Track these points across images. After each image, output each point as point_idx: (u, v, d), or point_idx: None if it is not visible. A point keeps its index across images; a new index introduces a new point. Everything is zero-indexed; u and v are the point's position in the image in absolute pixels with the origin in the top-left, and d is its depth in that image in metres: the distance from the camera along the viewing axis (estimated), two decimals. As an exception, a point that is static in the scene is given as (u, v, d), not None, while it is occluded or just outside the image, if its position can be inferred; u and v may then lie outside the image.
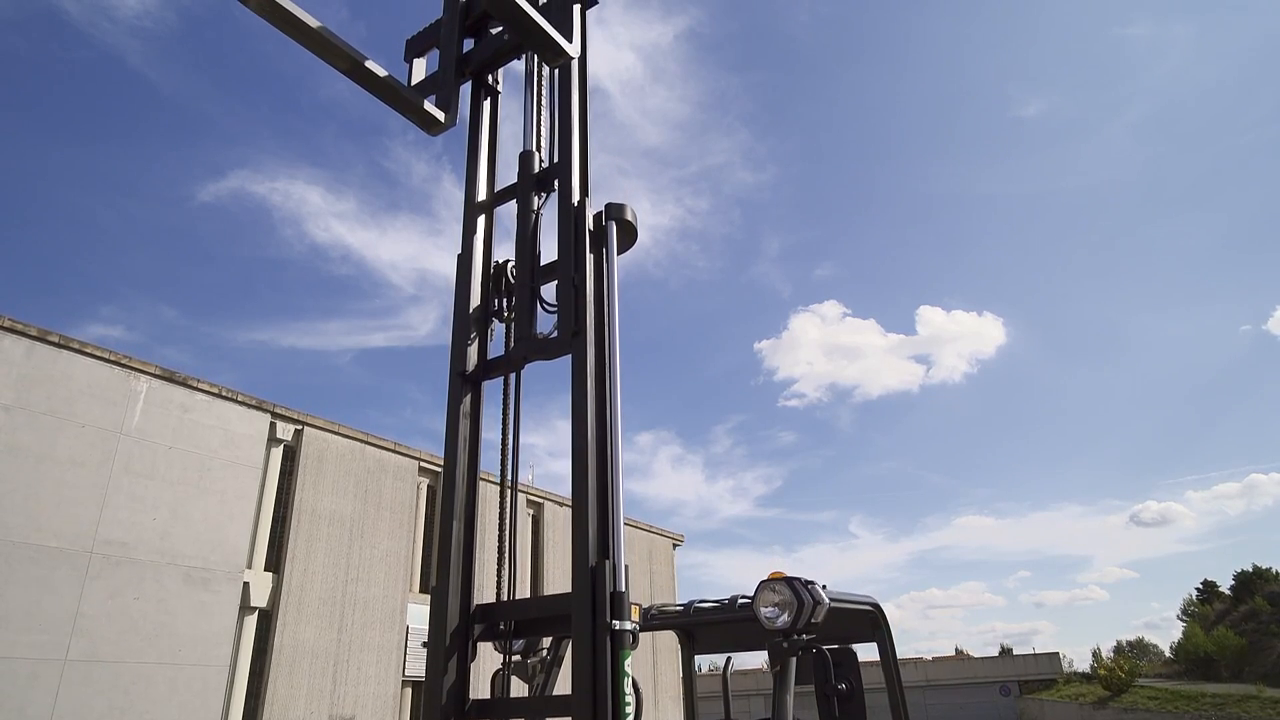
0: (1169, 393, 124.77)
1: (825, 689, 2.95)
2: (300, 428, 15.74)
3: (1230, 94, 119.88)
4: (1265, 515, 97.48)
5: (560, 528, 21.35)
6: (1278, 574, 48.74)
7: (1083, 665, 51.96)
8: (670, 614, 3.83)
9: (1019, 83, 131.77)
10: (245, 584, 14.13)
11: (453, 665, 2.87)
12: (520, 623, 3.01)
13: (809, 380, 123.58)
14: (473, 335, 3.24)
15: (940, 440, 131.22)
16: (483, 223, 3.45)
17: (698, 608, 3.69)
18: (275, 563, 14.91)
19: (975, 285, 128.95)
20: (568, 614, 2.66)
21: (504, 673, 3.19)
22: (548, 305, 3.16)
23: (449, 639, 2.87)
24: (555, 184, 3.25)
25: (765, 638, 3.12)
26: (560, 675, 3.35)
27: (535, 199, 3.35)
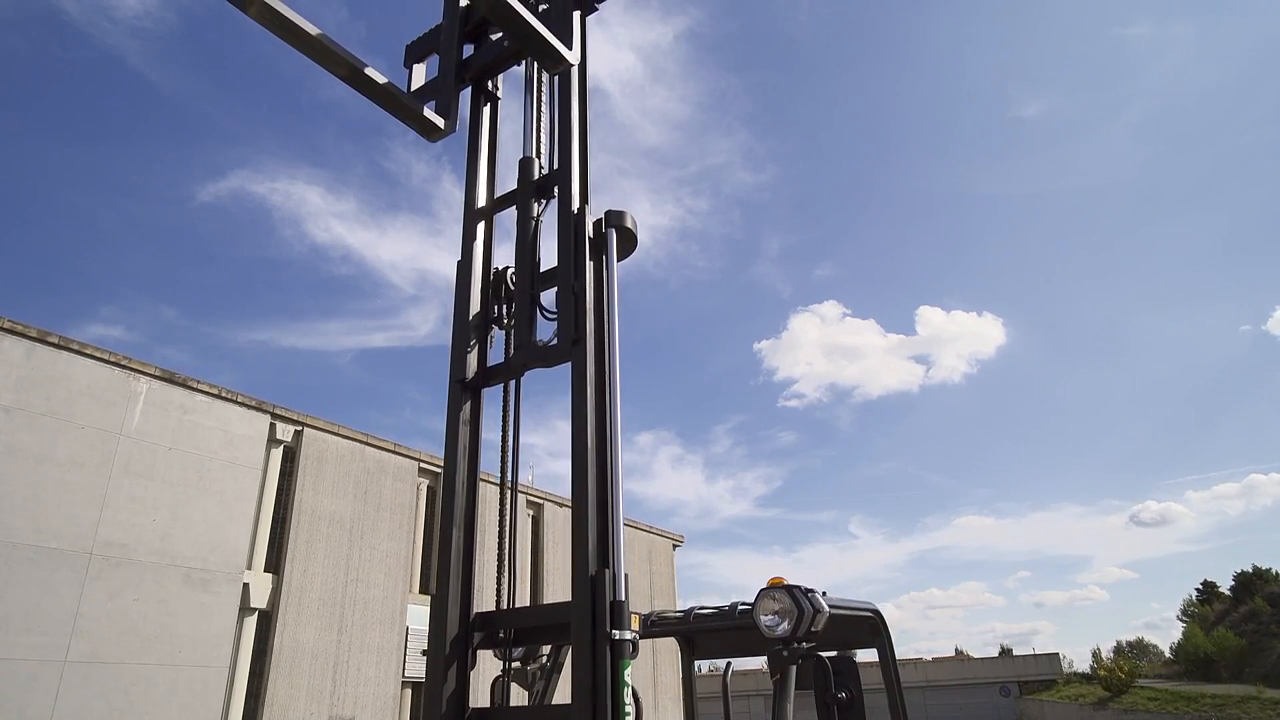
0: (1169, 393, 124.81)
1: (825, 697, 2.94)
2: (300, 429, 15.74)
3: (1230, 94, 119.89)
4: (1265, 515, 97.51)
5: (560, 528, 21.35)
6: (1278, 575, 48.72)
7: (1083, 666, 52.00)
8: (670, 621, 3.82)
9: (1019, 83, 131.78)
10: (245, 585, 14.13)
11: (452, 673, 2.87)
12: (520, 631, 3.01)
13: (809, 380, 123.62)
14: (472, 342, 3.24)
15: (940, 440, 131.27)
16: (482, 229, 3.44)
17: (698, 614, 3.68)
18: (275, 564, 14.91)
19: (975, 285, 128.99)
20: (568, 622, 2.66)
21: (504, 680, 3.19)
22: (548, 312, 3.15)
23: (449, 646, 2.87)
24: (555, 190, 3.24)
25: (765, 645, 3.12)
26: (560, 682, 3.35)
27: (535, 205, 3.35)
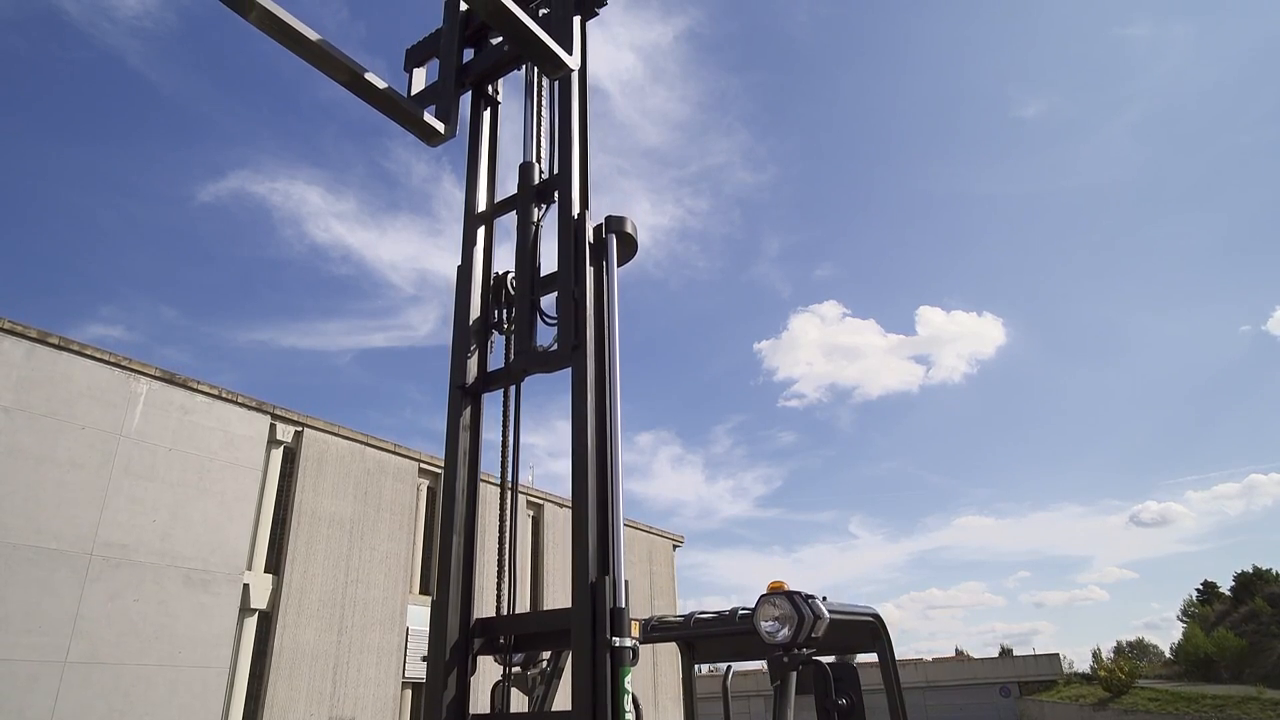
0: (1169, 393, 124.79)
1: (825, 703, 2.94)
2: (300, 429, 15.74)
3: (1230, 94, 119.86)
4: (1265, 515, 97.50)
5: (560, 529, 21.35)
6: (1278, 575, 48.69)
7: (1083, 666, 51.94)
8: (670, 626, 3.82)
9: (1019, 83, 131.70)
10: (245, 586, 14.13)
11: (452, 679, 2.86)
12: (520, 637, 3.00)
13: (809, 380, 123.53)
14: (473, 347, 3.24)
15: (940, 440, 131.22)
16: (482, 234, 3.44)
17: (698, 619, 3.68)
18: (275, 564, 14.92)
19: (975, 285, 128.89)
20: (568, 629, 2.65)
21: (504, 685, 3.18)
22: (548, 318, 3.15)
23: (449, 653, 2.86)
24: (555, 195, 3.24)
25: (766, 650, 3.12)
26: (561, 687, 3.34)
27: (535, 210, 3.34)
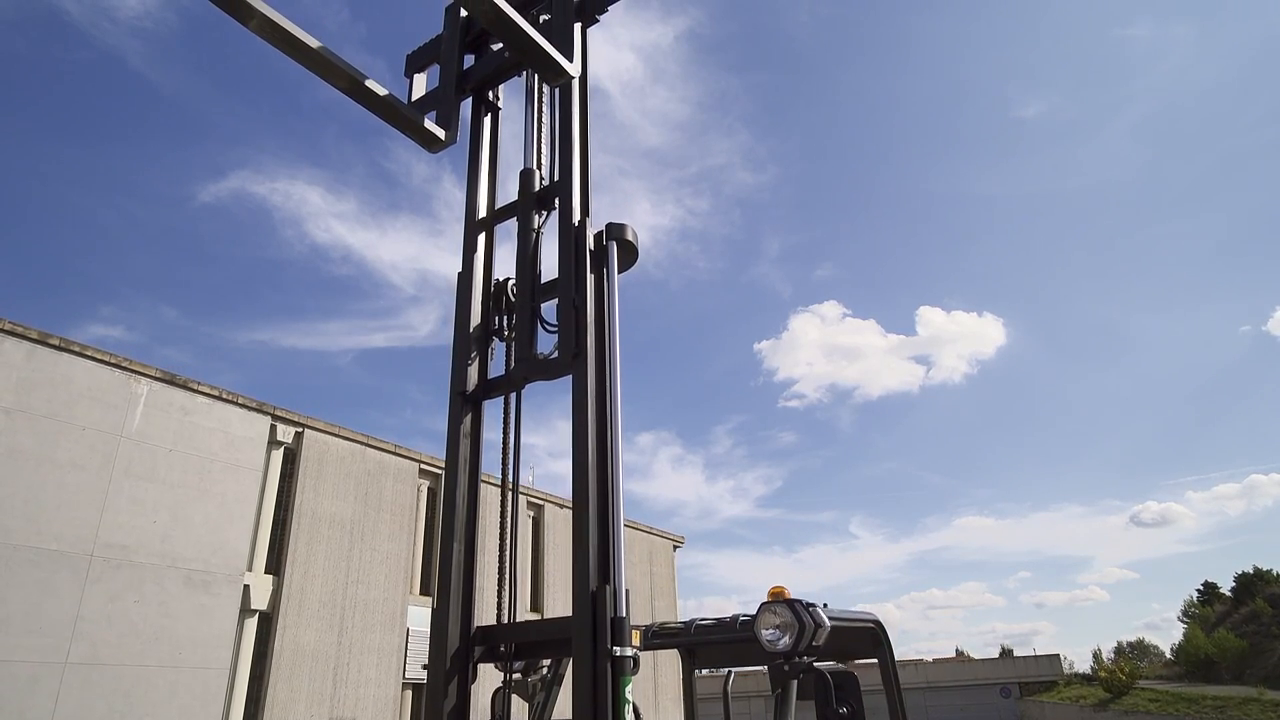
0: (1169, 393, 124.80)
1: (826, 711, 2.94)
2: (300, 430, 15.74)
3: (1230, 95, 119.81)
4: (1265, 515, 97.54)
5: (560, 529, 21.35)
6: (1279, 576, 48.67)
7: (1083, 666, 52.01)
8: (672, 633, 3.82)
9: (1019, 83, 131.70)
10: (246, 587, 14.13)
11: (453, 687, 2.86)
12: (521, 645, 3.00)
13: (809, 381, 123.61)
14: (473, 354, 3.23)
15: (940, 441, 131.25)
16: (483, 240, 3.43)
17: (699, 626, 3.68)
18: (276, 565, 14.91)
19: (975, 285, 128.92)
20: (568, 637, 2.65)
21: (505, 692, 3.18)
22: (548, 325, 3.14)
23: (449, 661, 2.86)
24: (556, 202, 3.23)
25: (767, 657, 3.12)
26: (561, 693, 3.34)
27: (536, 217, 3.34)
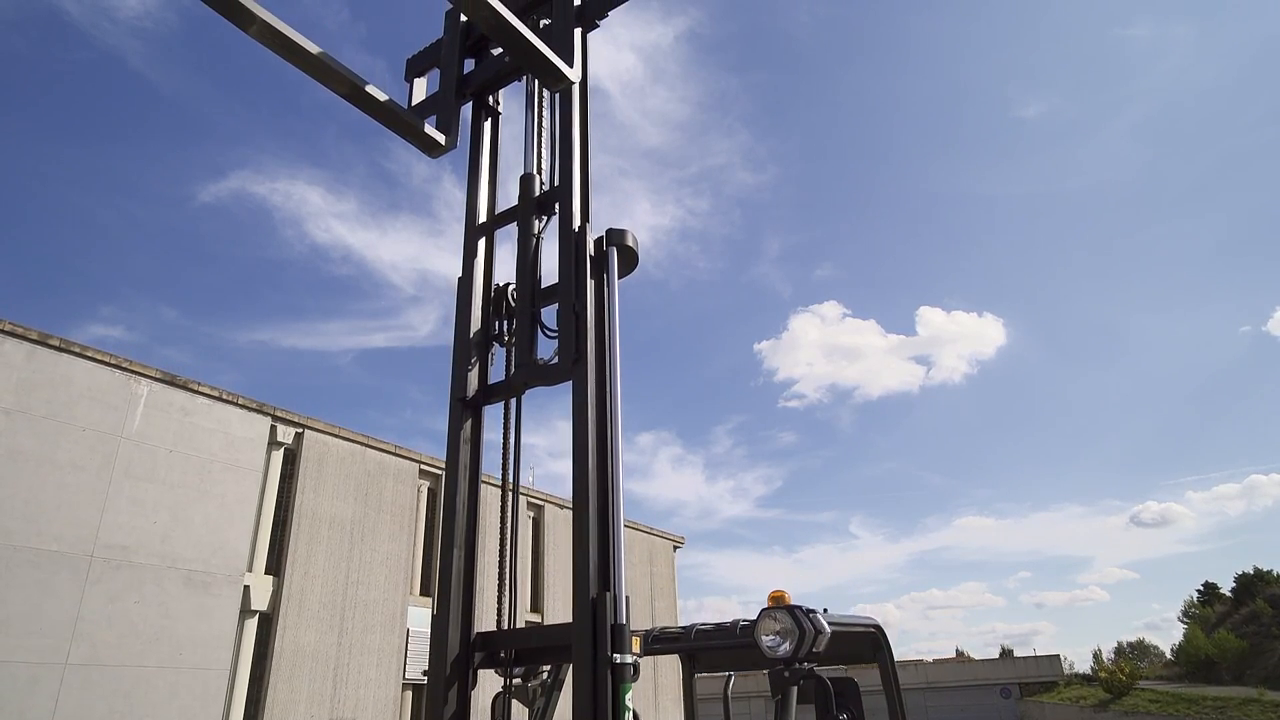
0: (1169, 393, 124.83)
1: (826, 718, 2.93)
2: (300, 431, 15.73)
3: (1230, 95, 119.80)
4: (1265, 516, 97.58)
5: (561, 529, 21.35)
6: (1279, 576, 48.66)
7: (1083, 666, 52.00)
8: (672, 638, 3.82)
9: (1019, 83, 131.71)
10: (246, 587, 14.12)
11: (453, 694, 2.86)
12: (521, 651, 2.99)
13: (809, 381, 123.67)
14: (473, 360, 3.23)
15: (940, 441, 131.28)
16: (483, 245, 3.43)
17: (699, 631, 3.67)
18: (276, 566, 14.91)
19: (975, 286, 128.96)
20: (569, 644, 2.65)
21: (505, 697, 3.18)
22: (548, 330, 3.14)
23: (449, 668, 2.86)
24: (556, 208, 3.23)
25: (767, 664, 3.11)
26: (561, 698, 3.34)
27: (536, 222, 3.33)
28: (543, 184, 3.42)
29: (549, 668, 3.34)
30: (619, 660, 2.51)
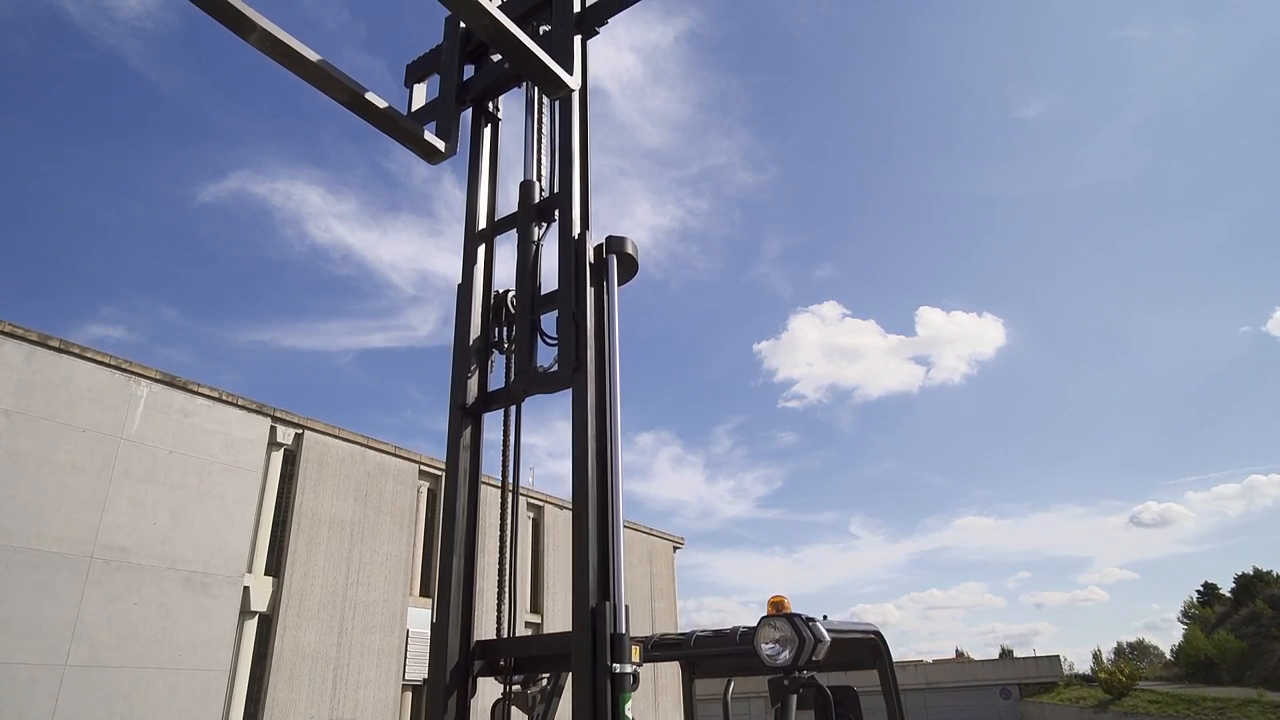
0: (1169, 393, 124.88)
1: (826, 726, 2.93)
2: (300, 431, 15.73)
3: (1230, 96, 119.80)
4: (1265, 516, 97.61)
5: (561, 530, 21.34)
6: (1278, 577, 48.66)
7: (1083, 667, 52.01)
8: (672, 645, 3.81)
9: (1019, 84, 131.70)
10: (245, 588, 14.12)
11: (453, 702, 2.86)
12: (520, 660, 2.99)
13: (809, 381, 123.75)
14: (473, 367, 3.23)
15: (940, 441, 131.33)
16: (483, 252, 3.42)
17: (699, 638, 3.66)
18: (275, 567, 14.91)
19: (975, 286, 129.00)
20: (568, 652, 2.65)
21: (504, 703, 3.18)
22: (548, 338, 3.13)
23: (449, 676, 2.85)
24: (556, 215, 3.22)
25: (766, 672, 3.11)
26: (561, 704, 3.34)
27: (536, 229, 3.33)
28: (542, 190, 3.41)
29: (548, 675, 3.33)
30: (619, 670, 2.51)
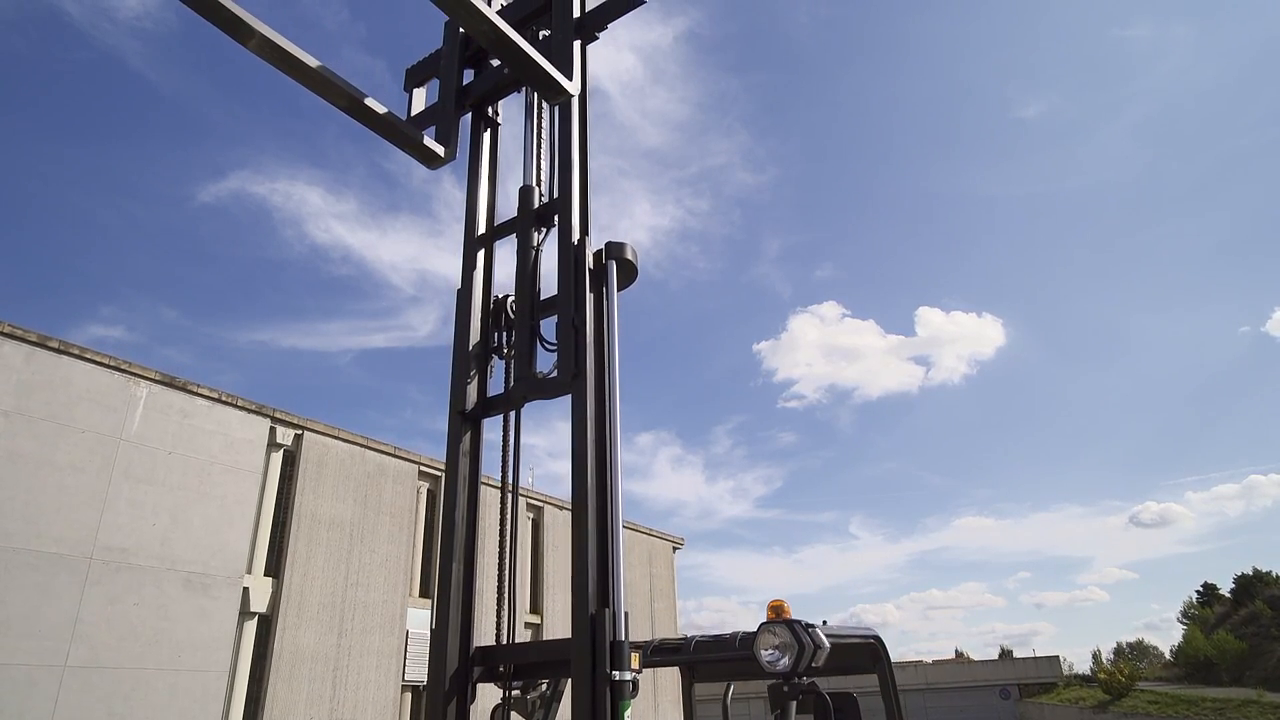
0: (1168, 394, 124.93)
1: (826, 732, 2.93)
2: (300, 432, 15.73)
3: (1229, 96, 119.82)
4: (1264, 516, 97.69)
5: (560, 530, 21.34)
6: (1278, 577, 48.68)
7: (1082, 667, 52.06)
8: (671, 650, 3.81)
9: (1019, 84, 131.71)
10: (245, 589, 14.12)
11: (452, 708, 2.86)
12: (520, 666, 2.99)
13: (809, 381, 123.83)
14: (472, 373, 3.22)
15: (940, 441, 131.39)
16: (482, 257, 3.42)
17: (698, 643, 3.67)
18: (275, 568, 14.90)
19: (975, 286, 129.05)
20: (568, 659, 2.64)
21: (504, 709, 3.18)
22: (548, 344, 3.13)
23: (448, 682, 2.85)
24: (555, 220, 3.22)
25: (765, 678, 3.11)
26: (561, 710, 3.34)
27: (535, 234, 3.32)
28: (542, 196, 3.41)
29: (547, 680, 3.33)
30: (618, 677, 2.51)
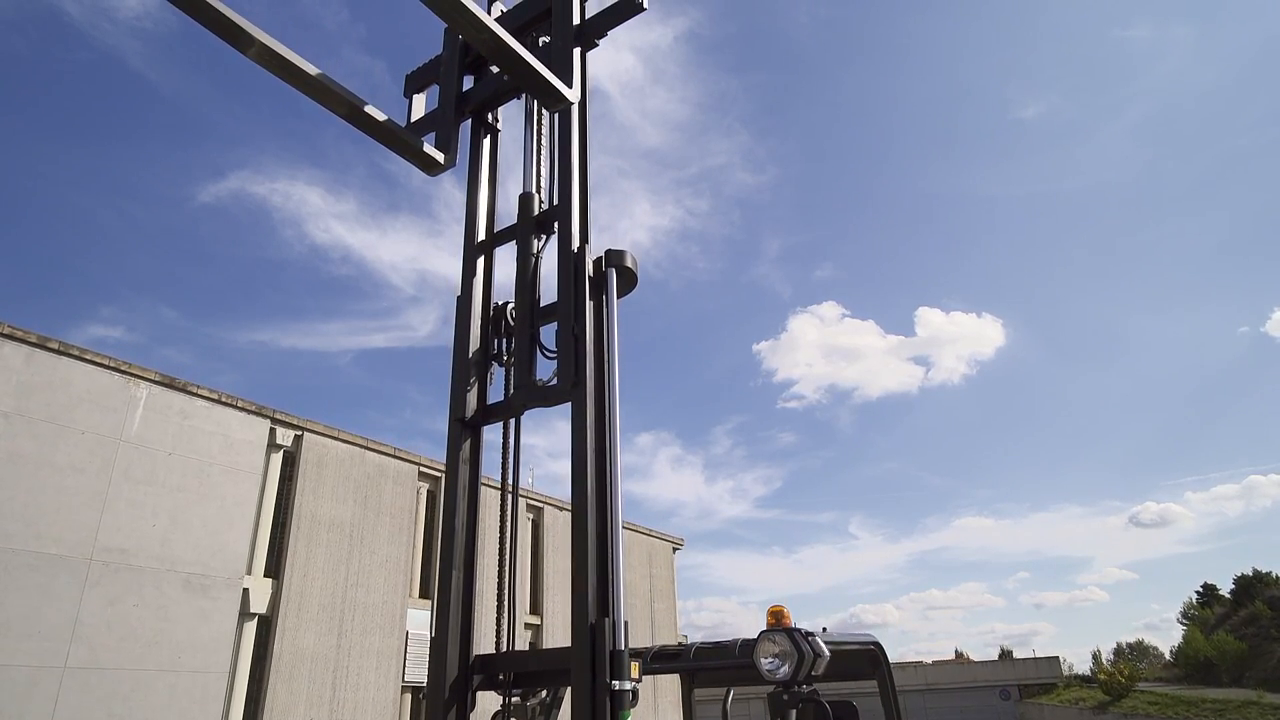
0: (1168, 394, 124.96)
1: (825, 741, 2.92)
2: (300, 433, 15.72)
3: (1229, 96, 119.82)
4: (1264, 516, 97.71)
5: (560, 531, 21.34)
6: (1278, 578, 48.67)
7: (1082, 668, 52.05)
8: (670, 657, 3.81)
9: (1019, 84, 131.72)
10: (245, 590, 14.12)
11: (452, 716, 2.85)
12: (520, 674, 2.98)
13: (808, 381, 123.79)
14: (472, 380, 3.22)
15: (940, 441, 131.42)
16: (482, 263, 3.41)
17: (699, 650, 3.66)
18: (275, 568, 14.90)
19: (974, 286, 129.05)
20: (568, 668, 2.64)
21: (503, 717, 3.18)
22: (548, 351, 3.13)
23: (448, 690, 2.85)
24: (555, 227, 3.21)
25: (765, 684, 3.11)
26: (561, 717, 3.33)
27: (535, 241, 3.32)
28: (542, 202, 3.40)
29: (547, 688, 3.33)
30: (618, 687, 2.50)
